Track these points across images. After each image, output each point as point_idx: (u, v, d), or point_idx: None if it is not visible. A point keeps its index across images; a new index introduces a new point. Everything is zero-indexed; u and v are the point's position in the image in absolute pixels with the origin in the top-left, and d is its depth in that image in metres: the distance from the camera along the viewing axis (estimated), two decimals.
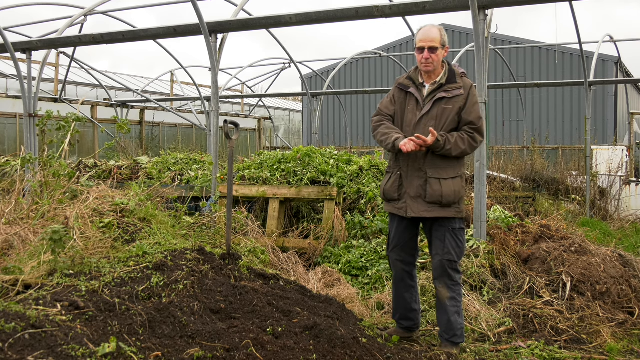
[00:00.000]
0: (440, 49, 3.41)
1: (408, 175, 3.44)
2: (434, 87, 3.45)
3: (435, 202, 3.37)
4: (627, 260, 4.90)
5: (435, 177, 3.37)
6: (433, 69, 3.45)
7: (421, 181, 3.40)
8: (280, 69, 17.21)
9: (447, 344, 3.45)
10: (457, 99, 3.40)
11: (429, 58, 3.39)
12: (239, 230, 5.31)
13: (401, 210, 3.47)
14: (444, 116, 3.40)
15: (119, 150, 13.63)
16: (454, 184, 3.40)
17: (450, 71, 3.48)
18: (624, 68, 18.62)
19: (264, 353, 2.50)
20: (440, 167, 3.39)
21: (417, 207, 3.40)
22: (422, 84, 3.51)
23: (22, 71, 7.81)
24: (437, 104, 3.42)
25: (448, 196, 3.36)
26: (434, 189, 3.35)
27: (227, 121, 3.83)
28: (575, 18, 9.16)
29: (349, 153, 6.85)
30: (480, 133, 3.41)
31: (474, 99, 3.43)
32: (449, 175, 3.40)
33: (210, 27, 6.37)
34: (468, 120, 3.40)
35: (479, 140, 3.40)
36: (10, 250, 3.57)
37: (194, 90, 19.04)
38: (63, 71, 14.28)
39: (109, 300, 2.61)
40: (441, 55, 3.44)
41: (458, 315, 3.46)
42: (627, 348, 3.78)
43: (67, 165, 4.49)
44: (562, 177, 10.38)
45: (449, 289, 3.44)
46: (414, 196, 3.41)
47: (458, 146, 3.34)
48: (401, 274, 3.63)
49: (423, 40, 3.41)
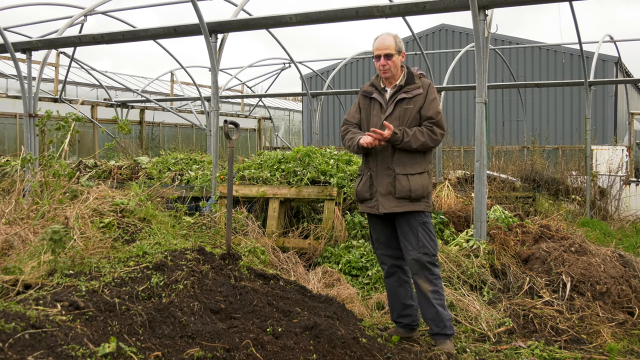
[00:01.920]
0: (396, 54, 3.63)
1: (378, 174, 3.62)
2: (395, 90, 3.66)
3: (404, 197, 3.52)
4: (627, 260, 4.90)
5: (403, 174, 3.54)
6: (391, 75, 3.66)
7: (390, 179, 3.57)
8: (281, 69, 17.21)
9: (440, 338, 3.51)
10: (417, 99, 3.60)
11: (385, 64, 3.61)
12: (239, 230, 5.31)
13: (373, 209, 3.63)
14: (406, 116, 3.59)
15: (119, 150, 13.63)
16: (422, 178, 3.56)
17: (408, 74, 3.69)
18: (624, 68, 18.63)
19: (264, 353, 2.50)
20: (407, 163, 3.56)
21: (388, 203, 3.55)
22: (384, 89, 3.72)
23: (22, 71, 7.81)
24: (399, 105, 3.63)
25: (416, 190, 3.51)
26: (403, 185, 3.51)
27: (227, 121, 3.83)
28: (575, 18, 9.16)
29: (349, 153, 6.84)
30: (439, 126, 3.57)
31: (432, 95, 3.63)
32: (415, 170, 3.56)
33: (210, 27, 6.37)
34: (427, 116, 3.57)
35: (438, 132, 3.56)
36: (10, 250, 3.57)
37: (194, 90, 19.04)
38: (63, 71, 14.28)
39: (109, 300, 2.61)
40: (398, 61, 3.66)
41: (443, 308, 3.54)
42: (627, 348, 3.78)
43: (67, 165, 4.49)
44: (562, 177, 10.38)
45: (430, 282, 3.52)
46: (384, 193, 3.57)
47: (417, 138, 3.49)
48: (393, 269, 3.73)
49: (379, 49, 3.64)
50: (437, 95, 3.74)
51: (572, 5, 8.74)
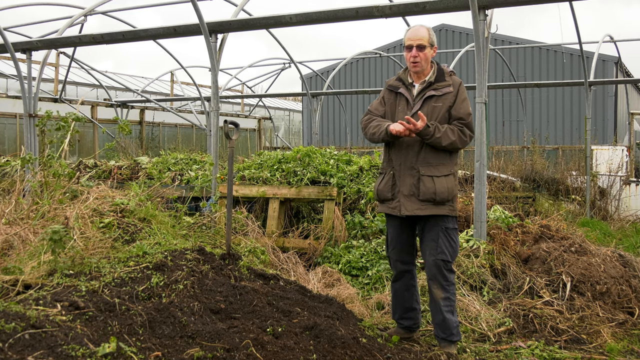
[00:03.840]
0: (428, 47, 3.44)
1: (401, 174, 3.46)
2: (424, 86, 3.49)
3: (428, 199, 3.37)
4: (627, 261, 4.90)
5: (428, 175, 3.38)
6: (421, 69, 3.49)
7: (414, 179, 3.41)
8: (281, 69, 17.20)
9: (445, 343, 3.46)
10: (446, 97, 3.44)
11: (417, 56, 3.43)
12: (239, 230, 5.31)
13: (395, 210, 3.47)
14: (434, 114, 3.43)
15: (119, 151, 13.63)
16: (447, 181, 3.41)
17: (438, 70, 3.51)
18: (624, 68, 18.62)
19: (264, 353, 2.50)
20: (433, 164, 3.40)
21: (411, 206, 3.41)
22: (412, 84, 3.55)
23: (22, 71, 7.81)
24: (427, 102, 3.46)
25: (441, 193, 3.36)
26: (427, 187, 3.36)
27: (227, 121, 3.83)
28: (575, 18, 9.16)
29: (349, 153, 6.85)
30: (470, 128, 3.44)
31: (463, 95, 3.46)
32: (441, 172, 3.41)
33: (210, 27, 6.37)
34: (457, 116, 3.43)
35: (468, 134, 3.42)
36: (10, 250, 3.57)
37: (194, 90, 19.04)
38: (63, 71, 14.28)
39: (109, 300, 2.61)
40: (429, 55, 3.48)
41: (452, 314, 3.47)
42: (627, 348, 3.78)
43: (67, 165, 4.49)
44: (562, 177, 10.37)
45: (443, 289, 3.44)
46: (407, 194, 3.42)
47: (448, 136, 3.34)
48: (401, 274, 3.64)
49: (411, 39, 3.45)
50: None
51: (572, 5, 8.74)
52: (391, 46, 19.90)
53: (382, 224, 5.43)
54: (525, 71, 18.26)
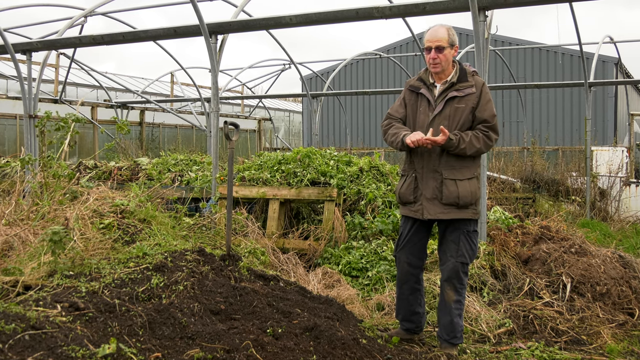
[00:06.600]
0: (448, 48, 3.37)
1: (423, 177, 3.40)
2: (445, 87, 3.41)
3: (451, 203, 3.33)
4: (627, 261, 4.90)
5: (451, 178, 3.33)
6: (441, 70, 3.41)
7: (437, 183, 3.35)
8: (281, 70, 17.20)
9: (447, 345, 3.44)
10: (469, 98, 3.36)
11: (436, 58, 3.36)
12: (239, 231, 5.31)
13: (417, 213, 3.42)
14: (457, 115, 3.36)
15: (119, 151, 13.63)
16: (470, 184, 3.37)
17: (461, 70, 3.43)
18: (624, 69, 18.63)
19: (264, 354, 2.50)
20: (456, 167, 3.36)
21: (434, 209, 3.36)
22: (433, 84, 3.47)
23: (22, 72, 7.81)
24: (449, 104, 3.38)
25: (465, 197, 3.32)
26: (450, 190, 3.32)
27: (227, 122, 3.82)
28: (575, 19, 9.16)
29: (349, 154, 6.84)
30: (495, 131, 3.38)
31: (487, 96, 3.39)
32: (464, 176, 3.36)
33: (210, 28, 6.38)
34: (482, 119, 3.36)
35: (494, 138, 3.36)
36: (10, 251, 3.57)
37: (194, 91, 19.03)
38: (63, 72, 14.28)
39: (109, 301, 2.60)
40: (450, 55, 3.40)
41: (460, 317, 3.44)
42: (627, 349, 3.77)
43: (67, 166, 4.49)
44: (562, 178, 10.37)
45: (456, 291, 3.41)
46: (430, 198, 3.36)
47: (473, 145, 3.30)
48: (407, 276, 3.57)
49: (430, 40, 3.39)
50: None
51: (572, 6, 8.74)
52: (391, 47, 19.91)
53: (382, 225, 5.43)
54: (525, 72, 18.27)
